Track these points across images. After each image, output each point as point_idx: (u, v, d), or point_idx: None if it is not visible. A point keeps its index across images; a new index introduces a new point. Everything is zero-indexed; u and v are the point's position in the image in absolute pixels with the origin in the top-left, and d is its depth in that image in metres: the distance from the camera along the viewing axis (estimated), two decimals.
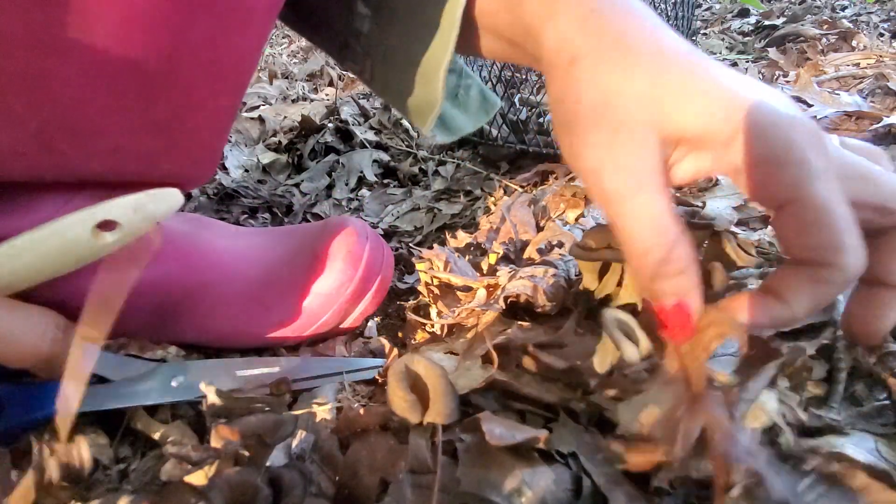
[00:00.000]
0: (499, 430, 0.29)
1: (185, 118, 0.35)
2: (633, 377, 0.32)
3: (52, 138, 0.31)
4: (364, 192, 0.85)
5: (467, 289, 0.49)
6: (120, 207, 0.28)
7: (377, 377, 0.42)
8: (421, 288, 0.50)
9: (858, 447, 0.30)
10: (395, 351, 0.45)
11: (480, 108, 0.47)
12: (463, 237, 0.61)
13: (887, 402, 0.33)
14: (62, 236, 0.26)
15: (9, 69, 0.27)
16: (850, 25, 1.35)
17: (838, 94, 0.89)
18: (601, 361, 0.33)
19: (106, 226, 0.28)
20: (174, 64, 0.31)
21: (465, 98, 0.46)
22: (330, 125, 1.00)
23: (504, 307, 0.44)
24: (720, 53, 1.44)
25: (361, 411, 0.31)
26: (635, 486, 0.28)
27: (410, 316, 0.49)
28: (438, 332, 0.47)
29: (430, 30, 0.37)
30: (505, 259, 0.55)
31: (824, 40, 1.29)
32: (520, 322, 0.43)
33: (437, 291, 0.48)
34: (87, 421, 0.39)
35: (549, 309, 0.43)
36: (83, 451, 0.30)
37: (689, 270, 0.26)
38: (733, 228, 0.42)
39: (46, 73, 0.28)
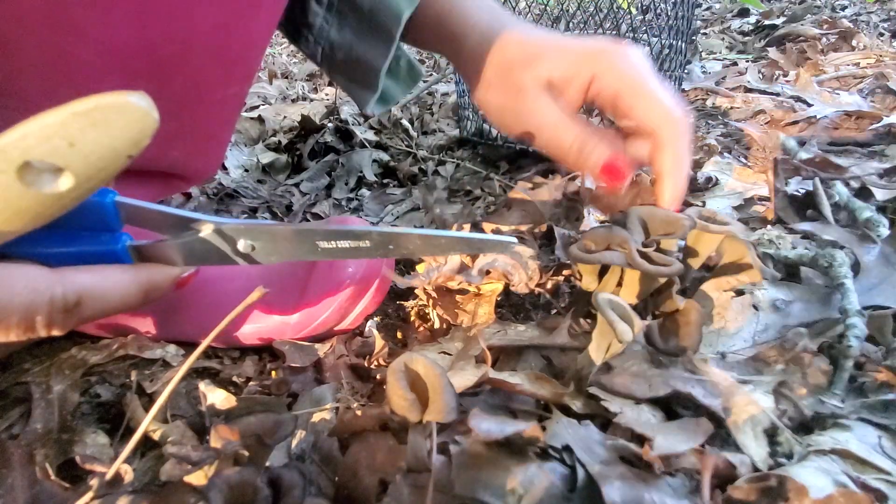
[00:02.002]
0: (486, 424, 0.28)
1: (195, 105, 0.36)
2: None
3: None
4: (364, 191, 0.85)
5: (464, 291, 0.49)
6: (41, 142, 0.17)
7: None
8: (418, 290, 0.50)
9: (862, 442, 0.30)
10: (386, 347, 0.45)
11: (408, 76, 0.57)
12: None
13: (892, 396, 0.33)
14: None
15: (28, 49, 0.27)
16: (850, 25, 1.35)
17: (838, 94, 0.89)
18: (597, 346, 0.33)
19: (30, 168, 0.18)
20: (187, 48, 0.32)
21: (396, 68, 0.56)
22: (330, 125, 1.00)
23: (482, 280, 0.45)
24: (720, 53, 1.44)
25: (358, 413, 0.31)
26: (631, 469, 0.28)
27: (411, 317, 0.49)
28: (438, 330, 0.47)
29: (375, 38, 0.48)
30: None
31: (824, 40, 1.29)
32: (515, 324, 0.43)
33: (435, 295, 0.48)
34: (87, 421, 0.40)
35: (523, 288, 0.44)
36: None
37: (600, 143, 0.42)
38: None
39: (64, 53, 0.28)
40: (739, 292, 0.45)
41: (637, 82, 0.41)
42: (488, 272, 0.46)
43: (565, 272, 0.50)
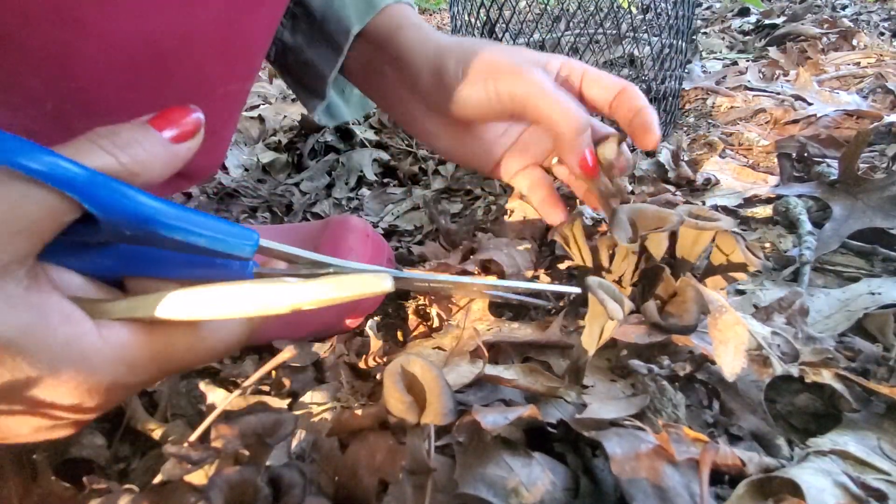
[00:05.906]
0: (490, 417, 0.29)
1: (197, 100, 0.36)
2: None
3: (67, 118, 0.31)
4: (364, 191, 0.85)
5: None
6: (310, 302, 0.24)
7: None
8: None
9: (861, 444, 0.30)
10: (381, 346, 0.45)
11: (359, 104, 0.60)
12: None
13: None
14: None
15: (31, 44, 0.27)
16: (851, 24, 1.35)
17: (838, 93, 0.89)
18: (590, 332, 0.33)
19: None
20: (188, 43, 0.32)
21: (349, 94, 0.59)
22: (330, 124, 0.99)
23: (478, 272, 0.46)
24: (721, 52, 1.44)
25: (356, 412, 0.31)
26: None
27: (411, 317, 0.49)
28: (438, 329, 0.47)
29: (324, 46, 0.50)
30: None
31: (825, 39, 1.29)
32: (509, 322, 0.43)
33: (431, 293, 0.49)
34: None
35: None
36: None
37: (587, 132, 0.42)
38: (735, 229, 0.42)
39: (67, 48, 0.28)
40: (741, 292, 0.44)
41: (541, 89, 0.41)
42: (486, 267, 0.46)
43: (559, 265, 0.50)
